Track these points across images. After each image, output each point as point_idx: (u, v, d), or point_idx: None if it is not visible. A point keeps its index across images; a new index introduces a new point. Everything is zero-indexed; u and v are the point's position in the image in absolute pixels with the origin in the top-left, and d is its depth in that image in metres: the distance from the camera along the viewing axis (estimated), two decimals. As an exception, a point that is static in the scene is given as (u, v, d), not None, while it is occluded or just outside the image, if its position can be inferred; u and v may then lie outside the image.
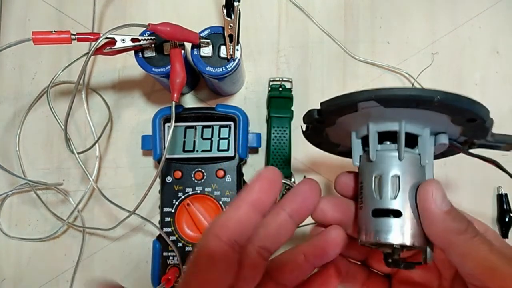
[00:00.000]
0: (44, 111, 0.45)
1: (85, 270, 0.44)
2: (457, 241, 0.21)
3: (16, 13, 0.47)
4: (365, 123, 0.24)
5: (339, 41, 0.45)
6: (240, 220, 0.22)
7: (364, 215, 0.24)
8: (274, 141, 0.43)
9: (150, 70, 0.36)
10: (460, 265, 0.22)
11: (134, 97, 0.46)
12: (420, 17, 0.46)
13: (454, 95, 0.21)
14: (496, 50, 0.45)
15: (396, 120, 0.23)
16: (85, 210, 0.45)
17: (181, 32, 0.34)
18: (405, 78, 0.45)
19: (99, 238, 0.44)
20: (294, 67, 0.45)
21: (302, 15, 0.46)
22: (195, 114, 0.41)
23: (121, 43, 0.34)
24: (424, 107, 0.21)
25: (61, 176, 0.45)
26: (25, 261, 0.44)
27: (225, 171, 0.41)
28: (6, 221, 0.45)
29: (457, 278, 0.25)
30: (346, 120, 0.24)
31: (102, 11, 0.46)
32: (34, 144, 0.45)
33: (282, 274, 0.25)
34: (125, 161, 0.45)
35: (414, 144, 0.24)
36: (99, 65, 0.46)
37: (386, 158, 0.24)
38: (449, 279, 0.26)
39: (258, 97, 0.45)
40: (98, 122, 0.45)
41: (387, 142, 0.24)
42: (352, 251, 0.28)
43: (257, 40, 0.46)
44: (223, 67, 0.36)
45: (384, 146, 0.24)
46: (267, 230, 0.23)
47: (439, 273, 0.27)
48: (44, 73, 0.46)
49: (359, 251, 0.29)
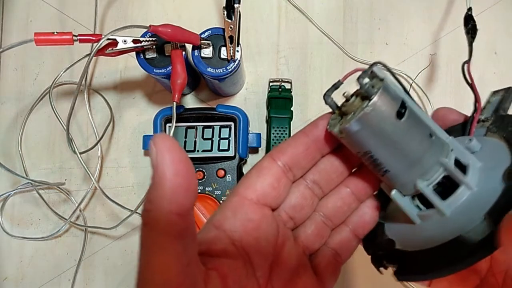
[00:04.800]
0: (46, 112, 0.46)
1: (87, 268, 0.44)
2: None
3: (18, 14, 0.47)
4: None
5: (338, 42, 0.46)
6: (296, 152, 0.23)
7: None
8: (274, 141, 0.43)
9: (151, 71, 0.37)
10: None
11: (136, 97, 0.46)
12: (419, 19, 0.46)
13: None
14: (494, 51, 0.46)
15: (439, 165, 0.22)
16: (87, 210, 0.45)
17: (182, 33, 0.34)
18: (403, 79, 0.46)
19: (100, 237, 0.45)
20: (293, 68, 0.46)
21: (301, 17, 0.46)
22: (195, 114, 0.42)
23: (123, 44, 0.35)
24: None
25: (63, 175, 0.45)
26: (27, 260, 0.44)
27: (225, 170, 0.41)
28: (8, 220, 0.45)
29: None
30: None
31: (103, 12, 0.47)
32: (36, 144, 0.46)
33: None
34: (126, 161, 0.45)
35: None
36: (100, 66, 0.46)
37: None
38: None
39: (258, 98, 0.46)
40: (100, 123, 0.45)
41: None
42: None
43: (257, 42, 0.46)
44: (224, 68, 0.36)
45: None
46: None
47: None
48: (46, 74, 0.46)
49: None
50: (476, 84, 0.48)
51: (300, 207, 0.24)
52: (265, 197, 0.23)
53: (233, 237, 0.22)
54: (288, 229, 0.25)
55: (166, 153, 0.16)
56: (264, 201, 0.23)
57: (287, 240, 0.24)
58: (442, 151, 0.22)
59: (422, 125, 0.22)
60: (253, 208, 0.23)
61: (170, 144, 0.17)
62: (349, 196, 0.25)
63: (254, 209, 0.23)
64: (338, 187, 0.25)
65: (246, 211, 0.23)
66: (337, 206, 0.25)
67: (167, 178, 0.16)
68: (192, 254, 0.18)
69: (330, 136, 0.24)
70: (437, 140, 0.22)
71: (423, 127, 0.22)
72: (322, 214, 0.25)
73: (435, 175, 0.22)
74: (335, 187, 0.25)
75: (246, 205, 0.23)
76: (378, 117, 0.21)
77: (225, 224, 0.22)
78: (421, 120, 0.22)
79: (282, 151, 0.24)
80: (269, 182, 0.23)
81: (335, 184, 0.25)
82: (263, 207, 0.23)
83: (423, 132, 0.22)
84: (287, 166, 0.23)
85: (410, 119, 0.21)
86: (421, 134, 0.22)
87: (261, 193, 0.23)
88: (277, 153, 0.24)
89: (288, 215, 0.24)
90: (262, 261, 0.22)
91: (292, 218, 0.24)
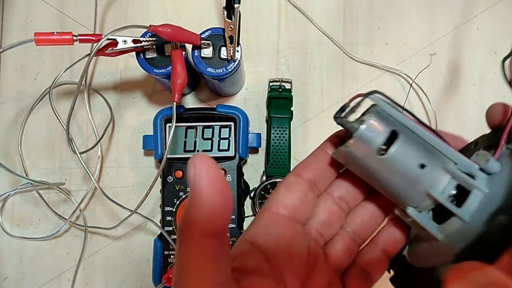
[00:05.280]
0: (46, 112, 0.46)
1: (87, 268, 0.44)
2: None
3: (18, 14, 0.47)
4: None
5: (338, 42, 0.46)
6: (319, 167, 0.24)
7: None
8: (274, 141, 0.43)
9: (151, 71, 0.37)
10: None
11: (136, 97, 0.46)
12: (419, 19, 0.46)
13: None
14: (493, 51, 0.46)
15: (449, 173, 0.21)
16: (87, 210, 0.45)
17: (182, 33, 0.34)
18: (403, 79, 0.46)
19: (100, 237, 0.45)
20: (293, 68, 0.46)
21: (301, 17, 0.46)
22: (196, 114, 0.42)
23: (123, 44, 0.35)
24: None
25: (63, 175, 0.45)
26: (27, 260, 0.44)
27: (225, 170, 0.41)
28: (8, 220, 0.45)
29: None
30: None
31: (103, 12, 0.47)
32: (36, 144, 0.46)
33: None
34: (126, 161, 0.45)
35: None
36: (100, 66, 0.46)
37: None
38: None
39: (258, 98, 0.46)
40: (100, 123, 0.45)
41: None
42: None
43: (257, 42, 0.46)
44: (224, 68, 0.36)
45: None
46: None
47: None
48: (46, 74, 0.46)
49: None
50: (476, 84, 0.48)
51: (329, 223, 0.25)
52: (296, 211, 0.23)
53: (266, 253, 0.22)
54: (319, 247, 0.24)
55: (204, 173, 0.16)
56: (295, 216, 0.23)
57: (318, 258, 0.24)
58: (439, 180, 0.21)
59: (414, 154, 0.21)
60: (285, 223, 0.23)
61: (208, 164, 0.17)
62: (375, 209, 0.25)
63: (286, 224, 0.23)
64: (363, 202, 0.25)
65: (279, 226, 0.23)
66: (365, 220, 0.25)
67: (204, 199, 0.16)
68: (225, 273, 0.18)
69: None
70: (431, 170, 0.21)
71: (415, 156, 0.21)
72: (349, 230, 0.25)
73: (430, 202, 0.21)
74: (360, 202, 0.25)
75: (277, 220, 0.23)
76: (359, 155, 0.21)
77: (258, 240, 0.23)
78: (414, 149, 0.21)
79: (305, 167, 0.24)
80: (298, 197, 0.23)
81: (360, 199, 0.25)
82: (294, 222, 0.23)
83: (414, 162, 0.21)
84: (312, 181, 0.24)
85: (398, 151, 0.21)
86: (412, 164, 0.21)
87: (291, 208, 0.23)
88: (301, 170, 0.24)
89: (318, 232, 0.24)
90: (294, 279, 0.22)
91: (322, 234, 0.25)
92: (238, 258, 0.22)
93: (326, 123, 0.45)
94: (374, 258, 0.24)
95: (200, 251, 0.17)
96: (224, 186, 0.17)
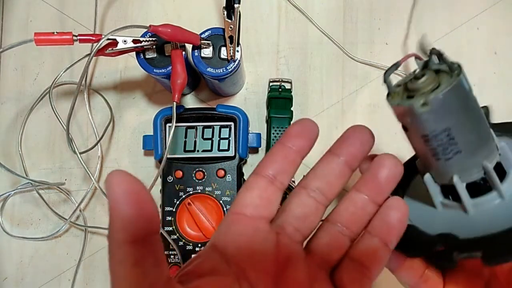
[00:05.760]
0: (46, 112, 0.46)
1: (87, 269, 0.44)
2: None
3: (18, 14, 0.47)
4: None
5: (338, 42, 0.46)
6: (275, 160, 0.24)
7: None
8: (274, 141, 0.43)
9: (151, 71, 0.37)
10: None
11: (136, 97, 0.46)
12: (418, 19, 0.46)
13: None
14: (494, 51, 0.46)
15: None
16: (87, 210, 0.45)
17: (182, 33, 0.34)
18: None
19: (101, 237, 0.45)
20: (293, 68, 0.46)
21: (301, 17, 0.46)
22: (195, 114, 0.42)
23: (123, 44, 0.35)
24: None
25: (63, 175, 0.45)
26: (27, 260, 0.44)
27: (225, 170, 0.41)
28: (8, 220, 0.45)
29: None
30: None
31: (103, 12, 0.47)
32: (36, 144, 0.46)
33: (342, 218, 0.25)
34: (126, 161, 0.45)
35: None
36: (100, 66, 0.46)
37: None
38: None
39: (258, 98, 0.46)
40: (100, 123, 0.45)
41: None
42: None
43: (257, 41, 0.46)
44: (224, 68, 0.36)
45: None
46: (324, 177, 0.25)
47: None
48: (46, 74, 0.46)
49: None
50: (476, 84, 0.48)
51: (304, 217, 0.24)
52: (257, 209, 0.23)
53: (225, 253, 0.22)
54: (295, 243, 0.24)
55: (116, 186, 0.17)
56: (257, 213, 0.23)
57: (293, 254, 0.24)
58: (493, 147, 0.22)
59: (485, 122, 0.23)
60: (245, 221, 0.23)
61: (120, 177, 0.17)
62: (361, 199, 0.24)
63: (247, 222, 0.23)
64: (348, 193, 0.25)
65: (239, 225, 0.23)
66: (350, 211, 0.24)
67: (117, 209, 0.17)
68: (155, 279, 0.18)
69: (303, 134, 0.24)
70: (492, 141, 0.22)
71: (486, 123, 0.23)
72: (338, 224, 0.25)
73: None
74: (346, 194, 0.25)
75: (238, 220, 0.23)
76: (465, 88, 0.21)
77: (219, 241, 0.23)
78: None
79: (263, 165, 0.24)
80: (257, 194, 0.24)
81: (338, 187, 0.25)
82: (256, 220, 0.23)
83: (487, 127, 0.23)
84: (271, 176, 0.24)
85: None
86: (487, 127, 0.22)
87: (251, 206, 0.23)
88: (259, 168, 0.24)
89: (294, 227, 0.24)
90: (260, 276, 0.22)
91: (298, 229, 0.24)
92: (193, 262, 0.22)
93: (326, 123, 0.45)
94: (369, 249, 0.24)
95: (120, 260, 0.18)
96: (141, 195, 0.17)
